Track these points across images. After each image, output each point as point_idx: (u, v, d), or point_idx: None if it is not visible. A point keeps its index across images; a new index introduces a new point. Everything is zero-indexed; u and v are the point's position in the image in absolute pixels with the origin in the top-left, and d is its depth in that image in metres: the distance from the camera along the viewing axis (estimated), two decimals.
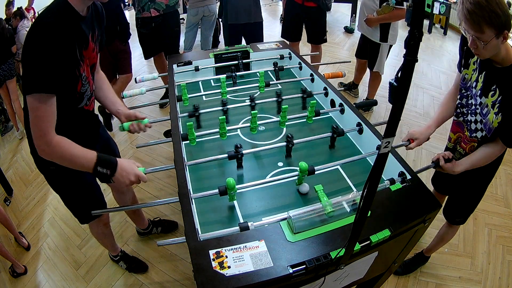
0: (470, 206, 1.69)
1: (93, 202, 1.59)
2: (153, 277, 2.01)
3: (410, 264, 2.01)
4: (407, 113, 3.44)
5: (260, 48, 2.47)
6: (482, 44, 1.21)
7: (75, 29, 1.13)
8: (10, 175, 2.92)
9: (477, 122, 1.42)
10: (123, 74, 3.09)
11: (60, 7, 1.09)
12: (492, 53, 1.26)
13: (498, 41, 1.20)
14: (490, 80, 1.33)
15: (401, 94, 0.71)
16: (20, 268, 2.06)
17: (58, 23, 1.04)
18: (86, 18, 1.18)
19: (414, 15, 0.64)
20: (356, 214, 0.89)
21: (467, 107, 1.47)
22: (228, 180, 1.23)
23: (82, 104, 1.31)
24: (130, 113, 1.51)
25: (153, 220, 2.25)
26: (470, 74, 1.44)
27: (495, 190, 2.58)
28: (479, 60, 1.38)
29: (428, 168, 1.43)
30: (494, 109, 1.32)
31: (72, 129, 1.23)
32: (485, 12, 1.15)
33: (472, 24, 1.18)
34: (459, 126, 1.54)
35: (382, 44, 2.96)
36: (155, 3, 2.94)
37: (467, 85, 1.45)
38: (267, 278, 0.96)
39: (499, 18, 1.15)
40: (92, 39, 1.26)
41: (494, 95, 1.32)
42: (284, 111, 1.65)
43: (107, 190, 1.81)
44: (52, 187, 1.51)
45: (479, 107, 1.40)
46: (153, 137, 3.14)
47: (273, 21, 5.93)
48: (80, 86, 1.24)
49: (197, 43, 3.87)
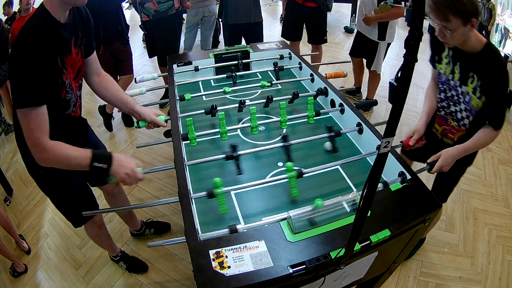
0: (451, 184, 1.73)
1: (85, 205, 1.59)
2: (153, 277, 2.01)
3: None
4: (407, 113, 3.44)
5: (260, 48, 2.47)
6: (449, 32, 1.24)
7: (56, 38, 1.15)
8: (10, 175, 2.91)
9: (461, 111, 1.45)
10: (124, 75, 3.08)
11: (40, 18, 1.12)
12: (460, 41, 1.30)
13: (465, 29, 1.23)
14: (465, 68, 1.37)
15: (401, 94, 0.71)
16: (21, 267, 2.06)
17: (36, 37, 1.07)
18: (67, 25, 1.20)
19: (414, 15, 0.64)
20: (356, 214, 0.89)
21: (447, 100, 1.51)
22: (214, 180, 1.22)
23: (68, 111, 1.32)
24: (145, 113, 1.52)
25: (145, 221, 2.24)
26: (444, 68, 1.47)
27: (495, 190, 2.58)
28: (451, 53, 1.41)
29: (426, 169, 1.43)
30: (476, 94, 1.35)
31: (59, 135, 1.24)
32: (450, 2, 1.18)
33: (438, 13, 1.22)
34: (443, 119, 1.58)
35: (380, 43, 2.97)
36: (144, 9, 2.94)
37: (443, 79, 1.49)
38: (267, 278, 0.96)
39: (464, 6, 1.18)
40: (76, 44, 1.27)
41: (473, 81, 1.35)
42: (282, 108, 1.66)
43: (100, 197, 1.82)
44: (43, 192, 1.51)
45: (461, 96, 1.43)
46: (153, 137, 3.15)
47: (273, 21, 5.94)
48: (65, 93, 1.26)
49: (197, 43, 3.87)
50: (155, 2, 2.89)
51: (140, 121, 1.56)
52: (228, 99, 2.04)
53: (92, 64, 1.45)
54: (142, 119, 1.54)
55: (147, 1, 2.90)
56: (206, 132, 1.69)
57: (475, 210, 2.41)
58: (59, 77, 1.20)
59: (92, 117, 3.45)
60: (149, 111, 1.54)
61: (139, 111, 1.53)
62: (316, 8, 3.09)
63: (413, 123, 3.27)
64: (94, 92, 1.52)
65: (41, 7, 1.14)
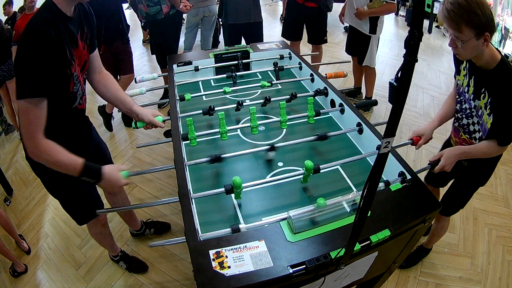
0: (466, 197, 1.71)
1: (91, 203, 1.59)
2: (153, 277, 2.01)
3: (413, 257, 2.03)
4: (407, 113, 3.44)
5: (260, 48, 2.47)
6: (461, 43, 1.22)
7: (64, 30, 1.16)
8: (10, 175, 2.92)
9: (474, 124, 1.44)
10: (125, 75, 3.09)
11: (48, 10, 1.14)
12: (473, 54, 1.27)
13: (478, 42, 1.20)
14: (479, 83, 1.35)
15: (401, 94, 0.71)
16: (21, 267, 2.06)
17: (46, 27, 1.08)
18: (73, 19, 1.22)
19: (414, 15, 0.64)
20: (356, 214, 0.89)
21: (461, 112, 1.49)
22: (235, 179, 1.23)
23: (75, 103, 1.33)
24: (143, 113, 1.52)
25: (145, 221, 2.24)
26: (462, 80, 1.46)
27: (495, 190, 2.58)
28: (468, 66, 1.40)
29: (427, 169, 1.45)
30: (487, 110, 1.34)
31: (66, 130, 1.25)
32: (463, 11, 1.16)
33: (451, 22, 1.20)
34: (456, 131, 1.58)
35: (372, 36, 2.97)
36: (138, 9, 2.98)
37: (460, 90, 1.48)
38: (267, 278, 0.96)
39: (478, 18, 1.16)
40: (82, 39, 1.29)
41: (484, 97, 1.34)
42: (282, 108, 1.66)
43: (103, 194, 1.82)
44: (49, 190, 1.51)
45: (474, 110, 1.42)
46: (153, 137, 3.15)
47: (273, 21, 5.93)
48: (72, 85, 1.26)
49: (197, 43, 3.87)
50: (145, 4, 2.91)
51: (138, 121, 1.55)
52: (228, 99, 2.04)
53: (94, 61, 1.46)
54: (140, 119, 1.53)
55: (139, 2, 2.93)
56: (206, 132, 1.69)
57: (475, 210, 2.41)
58: (68, 68, 1.20)
59: (92, 117, 3.42)
60: (146, 111, 1.54)
61: (137, 111, 1.53)
62: (316, 8, 3.09)
63: (413, 123, 3.31)
64: (94, 89, 1.52)
65: (49, 0, 1.15)
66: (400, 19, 6.09)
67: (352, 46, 3.25)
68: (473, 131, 1.46)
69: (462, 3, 1.16)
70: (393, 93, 0.72)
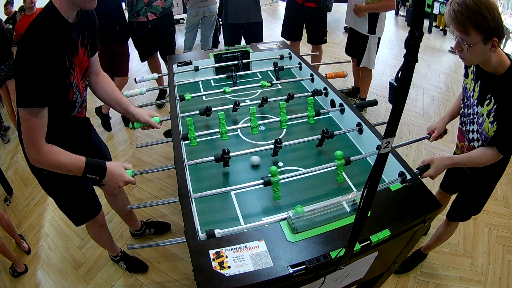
0: (478, 204, 1.70)
1: (87, 204, 1.59)
2: (153, 277, 2.01)
3: (409, 262, 2.01)
4: (407, 113, 3.44)
5: (260, 48, 2.47)
6: (467, 46, 1.17)
7: (64, 37, 1.14)
8: (10, 175, 2.91)
9: (473, 131, 1.41)
10: (119, 77, 3.09)
11: (49, 16, 1.11)
12: (479, 59, 1.23)
13: (485, 47, 1.15)
14: (485, 89, 1.31)
15: (401, 94, 0.71)
16: (21, 267, 2.06)
17: (46, 35, 1.06)
18: (75, 25, 1.19)
19: (414, 15, 0.64)
20: (356, 214, 0.89)
21: (467, 117, 1.46)
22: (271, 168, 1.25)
23: (74, 112, 1.32)
24: (139, 114, 1.52)
25: (145, 221, 2.24)
26: (469, 83, 1.42)
27: (495, 190, 2.55)
28: (475, 70, 1.35)
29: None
30: (490, 118, 1.29)
31: (64, 136, 1.24)
32: (471, 13, 1.11)
33: (458, 24, 1.15)
34: (462, 135, 1.54)
35: (370, 37, 2.95)
36: (152, 7, 2.97)
37: (467, 94, 1.44)
38: (267, 278, 0.96)
39: (487, 21, 1.11)
40: (82, 44, 1.27)
41: (489, 104, 1.29)
42: (282, 108, 1.66)
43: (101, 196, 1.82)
44: (46, 191, 1.51)
45: (475, 116, 1.38)
46: (153, 137, 3.15)
47: (273, 21, 5.93)
48: (72, 94, 1.25)
49: (197, 43, 3.87)
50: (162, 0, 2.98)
51: (135, 122, 1.55)
52: (228, 99, 2.04)
53: (94, 63, 1.45)
54: (136, 120, 1.53)
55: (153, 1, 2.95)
56: (206, 132, 1.69)
57: None
58: (67, 78, 1.19)
59: (92, 117, 3.45)
60: (143, 112, 1.54)
61: (133, 112, 1.52)
62: (316, 8, 3.09)
63: (413, 123, 3.31)
64: (92, 91, 1.52)
65: (50, 4, 1.11)
66: (400, 19, 6.09)
67: (351, 47, 3.24)
68: (472, 139, 1.43)
69: (470, 4, 1.11)
70: (393, 93, 0.72)
